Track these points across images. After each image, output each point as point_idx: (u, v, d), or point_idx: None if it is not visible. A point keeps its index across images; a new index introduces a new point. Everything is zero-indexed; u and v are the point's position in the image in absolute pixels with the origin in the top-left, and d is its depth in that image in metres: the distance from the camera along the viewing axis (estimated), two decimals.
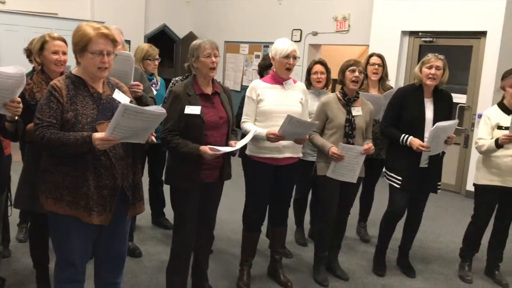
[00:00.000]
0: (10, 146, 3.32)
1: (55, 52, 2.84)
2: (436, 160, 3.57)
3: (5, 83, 2.22)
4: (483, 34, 6.18)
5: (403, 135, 3.46)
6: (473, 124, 6.28)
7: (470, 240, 3.82)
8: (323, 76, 3.98)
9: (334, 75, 3.68)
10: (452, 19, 6.35)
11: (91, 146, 2.14)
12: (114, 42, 2.31)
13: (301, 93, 3.31)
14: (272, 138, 3.04)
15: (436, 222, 5.18)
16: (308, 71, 4.06)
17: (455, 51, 6.64)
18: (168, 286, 3.13)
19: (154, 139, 2.37)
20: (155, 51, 4.22)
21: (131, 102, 2.43)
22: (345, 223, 3.69)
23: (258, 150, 3.21)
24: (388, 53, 5.39)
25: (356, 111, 3.43)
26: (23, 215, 3.95)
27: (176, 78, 4.04)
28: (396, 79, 6.80)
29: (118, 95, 2.39)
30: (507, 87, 3.55)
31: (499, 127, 3.53)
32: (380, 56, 4.34)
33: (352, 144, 3.38)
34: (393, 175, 3.59)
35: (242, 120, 3.25)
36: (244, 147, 3.33)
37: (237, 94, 8.53)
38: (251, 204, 3.38)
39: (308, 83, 4.01)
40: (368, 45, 7.38)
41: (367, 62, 4.34)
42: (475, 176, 3.71)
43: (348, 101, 3.44)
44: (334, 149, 3.30)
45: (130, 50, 4.70)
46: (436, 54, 3.51)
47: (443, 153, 3.63)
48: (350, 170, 3.35)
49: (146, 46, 4.28)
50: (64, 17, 8.56)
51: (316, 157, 3.54)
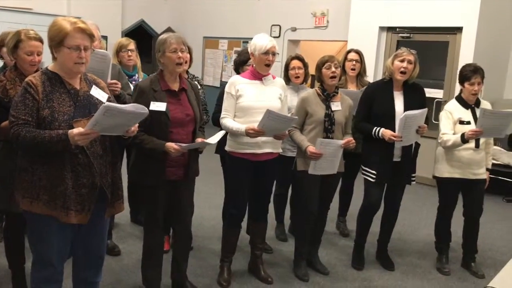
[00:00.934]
0: None
1: (30, 53, 2.74)
2: (409, 153, 3.63)
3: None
4: (459, 30, 6.28)
5: (375, 128, 3.51)
6: None
7: (440, 232, 3.91)
8: (301, 71, 3.99)
9: (313, 70, 3.69)
10: (429, 15, 6.43)
11: (67, 144, 2.10)
12: (91, 37, 2.27)
13: (280, 89, 3.31)
14: (252, 133, 3.03)
15: (413, 215, 5.25)
16: (286, 67, 4.07)
17: (431, 46, 6.75)
18: (144, 281, 3.13)
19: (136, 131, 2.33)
20: (128, 41, 4.13)
21: (109, 98, 2.40)
22: (325, 218, 3.71)
23: (238, 146, 3.20)
24: (366, 48, 5.43)
25: (336, 106, 3.45)
26: None
27: (155, 74, 3.98)
28: (374, 75, 6.85)
29: (96, 92, 2.35)
30: (465, 84, 3.62)
31: (461, 122, 3.61)
32: (358, 52, 4.37)
33: (332, 139, 3.39)
34: (367, 169, 3.63)
35: (222, 116, 3.23)
36: (224, 144, 3.33)
37: (216, 90, 8.48)
38: (231, 200, 3.38)
39: (287, 79, 4.02)
40: (346, 40, 7.42)
41: (345, 58, 4.37)
42: (437, 169, 3.78)
43: (327, 96, 3.45)
44: (311, 148, 3.31)
45: (107, 46, 4.63)
46: (409, 49, 3.56)
47: (418, 145, 3.69)
48: (329, 162, 3.37)
49: (120, 39, 4.23)
50: (39, 12, 8.39)
51: (296, 152, 3.55)
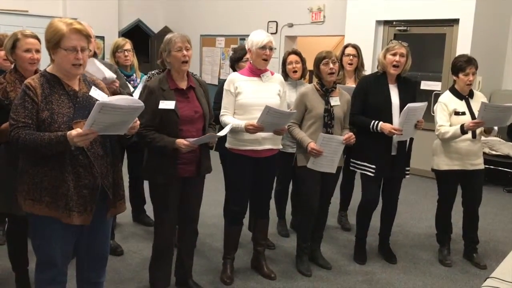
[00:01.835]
0: None
1: (28, 50, 2.77)
2: (405, 147, 3.63)
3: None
4: (456, 21, 6.27)
5: (373, 121, 3.50)
6: None
7: (441, 224, 3.92)
8: (298, 65, 4.01)
9: (311, 66, 3.70)
10: (425, 8, 6.42)
11: (66, 146, 2.10)
12: (88, 37, 2.26)
13: (278, 85, 3.32)
14: (251, 129, 3.04)
15: (414, 208, 5.26)
16: (283, 63, 4.09)
17: (429, 39, 6.75)
18: (152, 282, 3.12)
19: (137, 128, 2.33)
20: (124, 41, 4.15)
21: None
22: (326, 213, 3.72)
23: (238, 143, 3.21)
24: (364, 42, 5.43)
25: (334, 101, 3.45)
26: None
27: (153, 72, 3.99)
28: (372, 68, 6.84)
29: (95, 92, 2.35)
30: (460, 74, 3.62)
31: (456, 113, 3.62)
32: (355, 47, 4.37)
33: (331, 134, 3.40)
34: (365, 164, 3.62)
35: (221, 113, 3.24)
36: (223, 141, 3.34)
37: (214, 87, 8.48)
38: (232, 198, 3.39)
39: (285, 75, 4.03)
40: (343, 35, 7.42)
41: (342, 53, 4.38)
42: (435, 162, 3.78)
43: (326, 91, 3.45)
44: (312, 144, 3.32)
45: (104, 47, 4.63)
46: (400, 42, 3.57)
47: (411, 139, 3.69)
48: (329, 160, 3.37)
49: (116, 39, 4.23)
50: (35, 14, 8.37)
51: (296, 148, 3.56)
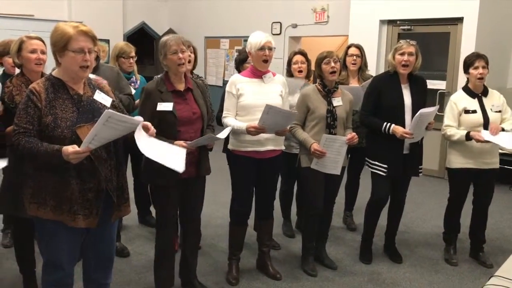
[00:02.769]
0: None
1: (33, 51, 2.82)
2: (417, 145, 3.62)
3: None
4: (460, 20, 6.25)
5: (385, 123, 3.49)
6: None
7: (450, 223, 3.91)
8: (304, 65, 4.02)
9: (313, 66, 3.71)
10: (429, 7, 6.41)
11: (61, 159, 2.11)
12: (94, 39, 2.28)
13: (280, 85, 3.32)
14: (253, 131, 3.05)
15: (420, 207, 5.25)
16: (289, 63, 4.10)
17: (433, 38, 6.73)
18: (156, 282, 3.15)
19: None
20: (130, 48, 4.15)
21: (113, 102, 2.42)
22: (331, 213, 3.73)
23: (240, 144, 3.22)
24: (367, 42, 5.43)
25: (337, 101, 3.45)
26: (6, 220, 3.91)
27: (159, 76, 4.00)
28: (376, 68, 6.85)
29: (99, 96, 2.36)
30: (470, 69, 3.61)
31: (466, 111, 3.60)
32: (358, 47, 4.37)
33: (334, 134, 3.40)
34: (377, 163, 3.62)
35: (223, 115, 3.25)
36: (227, 142, 3.35)
37: (219, 89, 8.51)
38: (236, 198, 3.40)
39: (290, 75, 4.04)
40: (347, 35, 7.42)
41: (346, 53, 4.38)
42: (448, 160, 3.77)
43: (328, 92, 3.46)
44: (315, 145, 3.32)
45: (109, 50, 4.65)
46: (408, 40, 3.55)
47: (422, 137, 3.68)
48: (333, 161, 3.37)
49: (121, 43, 4.23)
50: (41, 18, 8.43)
51: (299, 149, 3.56)
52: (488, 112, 3.57)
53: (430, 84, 6.66)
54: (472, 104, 3.61)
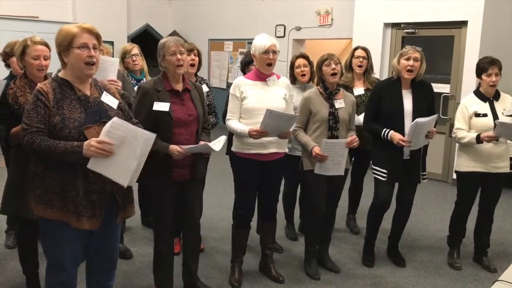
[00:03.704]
0: None
1: (36, 57, 2.81)
2: (419, 151, 3.61)
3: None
4: (464, 23, 6.24)
5: (384, 129, 3.50)
6: None
7: (455, 227, 3.89)
8: (306, 69, 4.00)
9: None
10: (433, 10, 6.40)
11: (79, 157, 2.12)
12: (98, 37, 2.30)
13: (284, 88, 3.32)
14: (255, 135, 3.05)
15: (424, 211, 5.24)
16: (291, 67, 4.08)
17: (437, 41, 6.72)
18: (156, 284, 3.16)
19: None
20: (131, 46, 4.15)
21: (119, 104, 2.43)
22: (334, 216, 3.72)
23: (244, 147, 3.22)
24: (372, 45, 5.41)
25: (339, 103, 3.45)
26: (10, 221, 3.91)
27: (158, 75, 4.00)
28: (380, 71, 6.84)
29: (106, 98, 2.37)
30: (483, 76, 3.60)
31: (477, 115, 3.59)
32: (365, 49, 4.37)
33: (337, 136, 3.40)
34: (378, 168, 3.62)
35: (227, 117, 3.25)
36: (230, 144, 3.35)
37: (222, 91, 8.52)
38: (238, 201, 3.40)
39: (293, 78, 4.03)
40: (351, 38, 7.42)
41: (352, 55, 4.38)
42: (457, 163, 3.77)
43: (329, 94, 3.46)
44: (317, 149, 3.31)
45: (113, 51, 4.66)
46: (414, 46, 3.55)
47: (427, 143, 3.67)
48: (336, 163, 3.37)
49: (124, 44, 4.25)
50: (45, 20, 8.47)
51: (302, 152, 3.56)
52: (500, 116, 3.56)
53: (434, 87, 6.59)
54: (483, 107, 3.60)
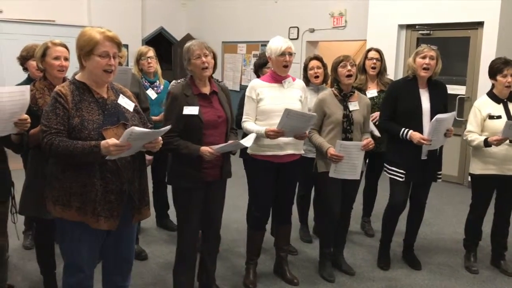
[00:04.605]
0: None
1: (57, 58, 2.88)
2: (435, 151, 3.58)
3: (14, 104, 2.32)
4: (480, 24, 6.18)
5: (403, 129, 3.47)
6: None
7: (471, 230, 3.85)
8: (320, 70, 4.00)
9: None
10: (449, 11, 6.35)
11: (96, 156, 2.14)
12: (119, 46, 2.33)
13: (300, 90, 3.32)
14: (272, 135, 3.05)
15: (439, 214, 5.19)
16: (305, 68, 4.08)
17: (452, 42, 6.67)
18: (175, 287, 3.15)
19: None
20: (146, 49, 4.20)
21: (135, 107, 2.46)
22: (348, 218, 3.70)
23: (260, 148, 3.22)
24: (386, 47, 5.40)
25: (353, 106, 3.44)
26: (28, 222, 3.97)
27: (178, 81, 4.02)
28: (394, 73, 6.80)
29: (123, 101, 2.41)
30: (498, 77, 3.56)
31: (491, 117, 3.55)
32: (378, 51, 4.36)
33: (351, 139, 3.39)
34: (394, 168, 3.59)
35: (243, 120, 3.26)
36: (246, 147, 3.35)
37: (236, 94, 8.54)
38: (254, 203, 3.40)
39: (307, 80, 4.03)
40: (365, 40, 7.39)
41: (365, 57, 4.36)
42: (471, 166, 3.73)
43: (344, 96, 3.45)
44: (332, 150, 3.30)
45: (128, 54, 4.70)
46: (429, 45, 3.53)
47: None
48: (351, 166, 3.35)
49: (139, 47, 4.29)
50: (62, 23, 8.60)
51: (316, 153, 3.55)
52: None
53: (450, 89, 6.56)
54: (497, 109, 3.56)
